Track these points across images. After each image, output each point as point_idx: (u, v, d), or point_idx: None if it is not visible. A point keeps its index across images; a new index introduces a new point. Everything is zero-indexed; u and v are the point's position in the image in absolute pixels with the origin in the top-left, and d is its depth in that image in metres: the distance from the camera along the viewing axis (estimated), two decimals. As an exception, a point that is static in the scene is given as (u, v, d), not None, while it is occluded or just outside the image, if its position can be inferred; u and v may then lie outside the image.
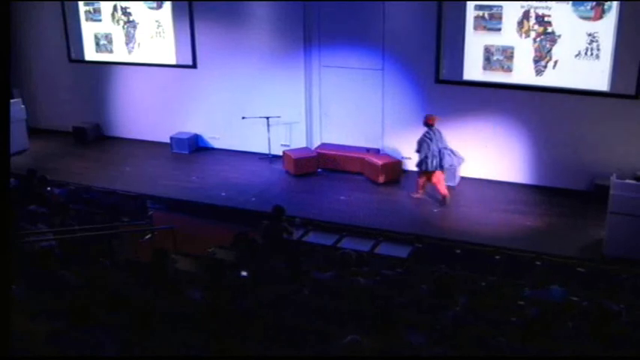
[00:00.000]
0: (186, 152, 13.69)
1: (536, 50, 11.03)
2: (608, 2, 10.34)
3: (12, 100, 13.17)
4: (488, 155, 11.77)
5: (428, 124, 10.74)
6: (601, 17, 10.46)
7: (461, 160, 10.92)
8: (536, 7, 10.84)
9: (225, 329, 5.14)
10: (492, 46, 11.32)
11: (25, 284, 5.80)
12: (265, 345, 4.91)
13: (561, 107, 11.09)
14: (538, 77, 11.12)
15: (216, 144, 13.92)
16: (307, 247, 9.08)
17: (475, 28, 11.34)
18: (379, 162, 11.87)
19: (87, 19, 14.47)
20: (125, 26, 14.16)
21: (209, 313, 5.45)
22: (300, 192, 11.67)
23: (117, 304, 5.33)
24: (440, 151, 10.58)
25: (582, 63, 10.73)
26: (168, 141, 13.88)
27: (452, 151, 10.71)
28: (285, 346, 4.92)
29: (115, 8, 14.12)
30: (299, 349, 4.85)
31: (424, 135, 10.72)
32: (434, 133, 10.67)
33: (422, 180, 11.00)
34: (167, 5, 13.65)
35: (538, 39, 10.97)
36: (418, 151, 10.76)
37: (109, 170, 12.86)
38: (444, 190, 10.80)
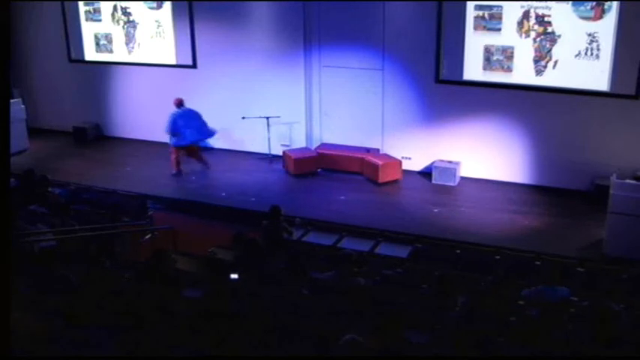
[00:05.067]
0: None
1: (536, 50, 11.03)
2: (608, 2, 10.34)
3: (12, 100, 13.18)
4: (488, 155, 11.78)
5: (176, 105, 12.19)
6: (601, 17, 10.46)
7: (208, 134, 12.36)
8: (536, 7, 10.85)
9: (224, 329, 5.14)
10: (492, 46, 11.32)
11: (25, 284, 5.80)
12: (265, 345, 4.91)
13: (561, 107, 11.10)
14: (538, 77, 11.12)
15: (216, 144, 13.92)
16: (307, 247, 9.08)
17: (475, 28, 11.34)
18: (379, 162, 11.87)
19: (87, 19, 14.48)
20: (125, 26, 14.16)
21: (209, 313, 5.45)
22: (300, 192, 11.67)
23: (117, 304, 5.33)
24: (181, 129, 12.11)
25: (582, 63, 10.74)
26: (168, 141, 13.85)
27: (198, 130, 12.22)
28: (284, 346, 4.92)
29: (115, 8, 14.13)
30: (298, 349, 4.84)
31: (172, 115, 12.15)
32: (182, 113, 12.16)
33: (174, 155, 12.40)
34: (167, 5, 13.66)
35: (538, 39, 10.97)
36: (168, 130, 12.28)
37: (109, 170, 12.86)
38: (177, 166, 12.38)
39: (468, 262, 8.36)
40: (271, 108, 12.94)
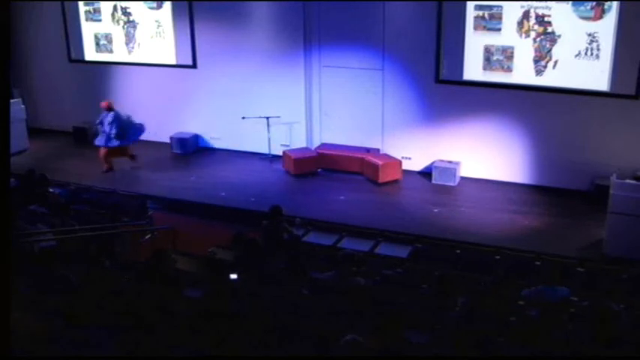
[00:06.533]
0: (187, 152, 13.69)
1: (536, 50, 11.03)
2: (608, 2, 10.34)
3: (12, 100, 13.18)
4: (488, 155, 11.78)
5: (106, 108, 12.43)
6: (601, 17, 10.46)
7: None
8: (536, 7, 10.85)
9: (224, 329, 5.14)
10: (492, 46, 11.32)
11: (25, 284, 5.80)
12: (265, 345, 4.91)
13: (561, 107, 11.10)
14: (538, 77, 11.12)
15: (216, 144, 13.93)
16: (307, 247, 9.08)
17: (475, 28, 11.34)
18: (379, 162, 11.87)
19: (87, 19, 14.48)
20: (125, 26, 14.16)
21: (209, 313, 5.45)
22: (300, 192, 11.67)
23: (117, 304, 5.33)
24: (104, 131, 12.42)
25: (582, 63, 10.73)
26: (168, 141, 13.88)
27: (110, 133, 12.39)
28: (284, 346, 4.92)
29: (115, 8, 14.13)
30: (298, 349, 4.85)
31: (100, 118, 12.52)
32: (104, 117, 12.39)
33: (102, 153, 12.64)
34: (167, 5, 13.66)
35: (538, 39, 10.97)
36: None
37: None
38: (106, 164, 12.62)
39: (468, 262, 8.36)
40: (271, 108, 12.94)
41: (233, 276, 6.71)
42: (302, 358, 4.77)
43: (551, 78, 11.02)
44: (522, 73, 11.20)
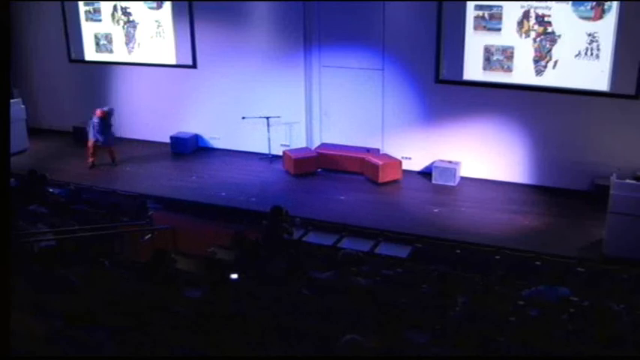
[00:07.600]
0: (187, 152, 13.69)
1: (536, 50, 11.03)
2: (608, 2, 10.34)
3: (12, 100, 13.17)
4: (488, 155, 11.78)
5: (100, 116, 12.86)
6: (601, 17, 10.47)
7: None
8: (536, 7, 10.85)
9: (224, 329, 5.14)
10: (492, 46, 11.32)
11: (25, 284, 5.80)
12: (264, 345, 4.91)
13: (561, 107, 11.10)
14: (538, 77, 11.12)
15: (216, 144, 13.93)
16: (307, 247, 9.07)
17: (475, 28, 11.34)
18: (379, 162, 11.87)
19: (87, 19, 14.48)
20: (125, 26, 14.16)
21: (209, 313, 5.45)
22: (300, 192, 11.67)
23: (117, 304, 5.33)
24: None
25: (582, 63, 10.74)
26: (168, 141, 13.88)
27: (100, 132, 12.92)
28: (284, 346, 4.92)
29: (115, 8, 14.13)
30: (298, 349, 4.84)
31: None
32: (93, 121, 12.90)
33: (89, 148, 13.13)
34: (167, 5, 13.66)
35: (538, 39, 10.97)
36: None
37: (109, 170, 12.87)
38: (90, 158, 13.05)
39: (468, 262, 8.36)
40: (271, 108, 12.94)
41: (233, 276, 6.71)
42: (302, 358, 4.76)
43: (551, 78, 11.02)
44: (522, 73, 11.20)
